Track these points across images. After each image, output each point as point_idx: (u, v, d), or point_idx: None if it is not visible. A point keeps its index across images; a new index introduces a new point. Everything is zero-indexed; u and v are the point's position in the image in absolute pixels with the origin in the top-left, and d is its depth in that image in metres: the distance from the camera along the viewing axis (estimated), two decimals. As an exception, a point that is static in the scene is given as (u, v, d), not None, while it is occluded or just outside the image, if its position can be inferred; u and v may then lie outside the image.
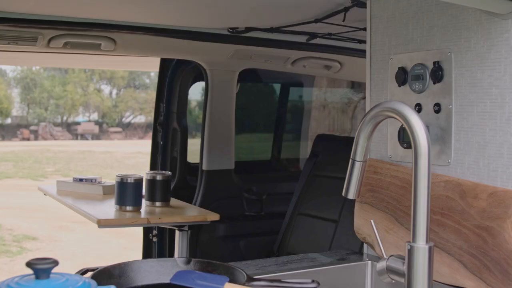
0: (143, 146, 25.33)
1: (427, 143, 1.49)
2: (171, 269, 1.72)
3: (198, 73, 4.08)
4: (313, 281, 1.59)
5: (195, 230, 3.58)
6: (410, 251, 1.52)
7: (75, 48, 3.17)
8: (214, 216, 3.13)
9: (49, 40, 3.04)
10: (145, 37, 3.20)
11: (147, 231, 3.97)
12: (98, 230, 5.05)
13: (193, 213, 3.26)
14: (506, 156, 1.67)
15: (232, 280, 1.55)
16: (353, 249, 2.38)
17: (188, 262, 1.72)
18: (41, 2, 2.57)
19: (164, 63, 4.11)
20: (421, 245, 1.51)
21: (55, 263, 1.36)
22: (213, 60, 3.84)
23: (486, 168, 1.72)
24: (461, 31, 1.79)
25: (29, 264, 1.34)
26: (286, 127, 4.79)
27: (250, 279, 1.59)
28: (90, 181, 3.65)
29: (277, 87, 4.77)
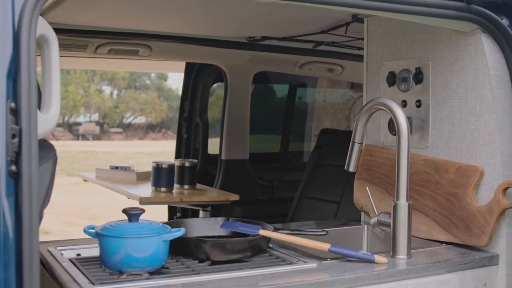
0: (144, 147, 25.54)
1: (407, 129, 2.04)
2: (213, 225, 2.26)
3: (218, 75, 4.62)
4: (323, 230, 2.14)
5: (215, 211, 4.10)
6: (395, 207, 2.07)
7: (118, 54, 3.72)
8: (235, 197, 3.67)
9: (97, 47, 3.58)
10: (175, 44, 3.75)
11: (171, 212, 4.49)
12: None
13: (217, 194, 3.81)
14: (469, 140, 2.21)
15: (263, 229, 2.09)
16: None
17: (226, 220, 2.25)
18: (91, 16, 3.09)
19: (189, 66, 4.64)
20: (403, 202, 2.06)
21: (143, 210, 1.91)
22: (232, 64, 4.38)
23: (454, 149, 2.27)
24: (437, 44, 2.33)
25: (125, 211, 1.89)
26: (293, 123, 5.25)
27: (276, 229, 2.14)
28: (125, 168, 4.18)
29: (286, 87, 5.23)
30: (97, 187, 4.21)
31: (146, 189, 3.73)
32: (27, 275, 1.38)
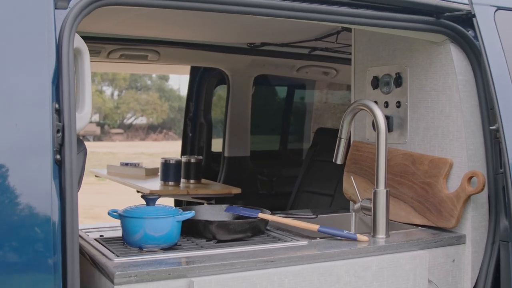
0: (145, 148, 25.68)
1: (384, 126, 2.37)
2: (218, 211, 2.59)
3: (221, 78, 4.95)
4: (313, 212, 2.47)
5: (219, 204, 4.42)
6: (375, 193, 2.40)
7: (128, 58, 4.05)
8: (237, 190, 4.00)
9: (109, 53, 3.91)
10: (182, 50, 4.08)
11: (177, 205, 4.81)
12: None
13: (220, 188, 4.14)
14: (440, 136, 2.54)
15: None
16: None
17: (230, 205, 2.58)
18: (106, 25, 3.40)
19: (194, 69, 4.97)
20: (381, 189, 2.39)
21: (159, 196, 2.24)
22: (234, 68, 4.72)
23: (428, 144, 2.59)
24: (413, 53, 2.66)
25: (143, 196, 2.22)
26: (291, 123, 5.57)
27: (273, 213, 2.46)
28: (134, 165, 4.51)
29: (284, 89, 5.54)
30: (98, 188, 4.54)
31: (155, 184, 4.05)
32: (69, 254, 1.70)
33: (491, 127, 2.32)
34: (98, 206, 13.16)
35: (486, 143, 2.42)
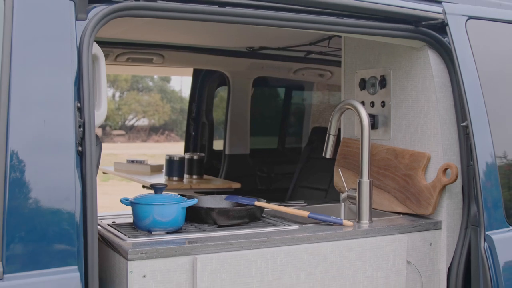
0: (147, 149, 25.82)
1: (368, 124, 2.64)
2: (219, 200, 2.86)
3: (222, 80, 5.24)
4: (304, 201, 2.74)
5: (220, 197, 4.70)
6: (359, 183, 2.67)
7: (134, 61, 4.33)
8: (237, 185, 4.28)
9: (117, 56, 4.19)
10: (185, 53, 4.36)
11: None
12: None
13: (221, 183, 4.41)
14: (419, 132, 2.80)
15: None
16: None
17: (229, 195, 2.85)
18: (116, 31, 3.67)
19: (196, 72, 5.26)
20: (365, 180, 2.66)
21: (165, 185, 2.50)
22: (234, 70, 5.00)
23: (409, 140, 2.86)
24: (396, 57, 2.93)
25: (152, 185, 2.49)
26: (288, 122, 5.84)
27: (267, 202, 2.73)
28: (140, 162, 4.79)
29: (282, 90, 5.84)
30: (99, 188, 4.79)
31: (160, 179, 4.33)
32: (89, 231, 1.97)
33: (462, 124, 2.59)
34: (100, 207, 13.43)
35: (460, 139, 2.69)
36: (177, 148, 4.99)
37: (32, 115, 1.90)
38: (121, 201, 2.52)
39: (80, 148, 1.98)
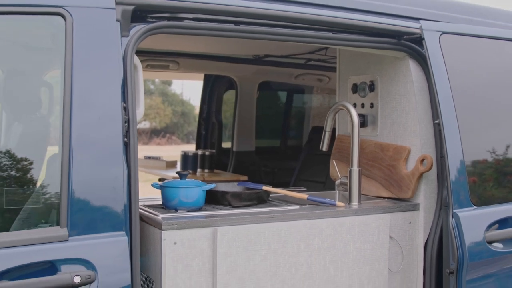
0: (149, 152, 26.08)
1: (357, 122, 3.16)
2: (232, 186, 3.36)
3: (230, 84, 5.76)
4: (303, 188, 3.25)
5: (229, 191, 5.22)
6: (350, 172, 3.18)
7: (153, 67, 4.84)
8: (244, 178, 4.80)
9: (137, 63, 4.69)
10: (198, 60, 4.88)
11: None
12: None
13: (230, 176, 4.93)
14: (401, 129, 3.31)
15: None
16: (330, 189, 4.01)
17: (241, 181, 3.36)
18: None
19: (207, 77, 5.78)
20: (355, 168, 3.17)
21: (189, 172, 3.02)
22: (241, 75, 5.53)
23: (393, 135, 3.37)
24: (383, 65, 3.44)
25: (178, 172, 3.00)
26: (290, 122, 6.33)
27: (274, 188, 3.25)
28: (156, 158, 5.30)
29: (284, 94, 6.32)
30: None
31: (174, 173, 4.84)
32: (133, 204, 2.46)
33: (435, 122, 3.10)
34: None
35: (435, 134, 3.19)
36: (179, 151, 5.31)
37: (89, 113, 2.40)
38: (152, 185, 3.03)
39: (125, 139, 2.49)
